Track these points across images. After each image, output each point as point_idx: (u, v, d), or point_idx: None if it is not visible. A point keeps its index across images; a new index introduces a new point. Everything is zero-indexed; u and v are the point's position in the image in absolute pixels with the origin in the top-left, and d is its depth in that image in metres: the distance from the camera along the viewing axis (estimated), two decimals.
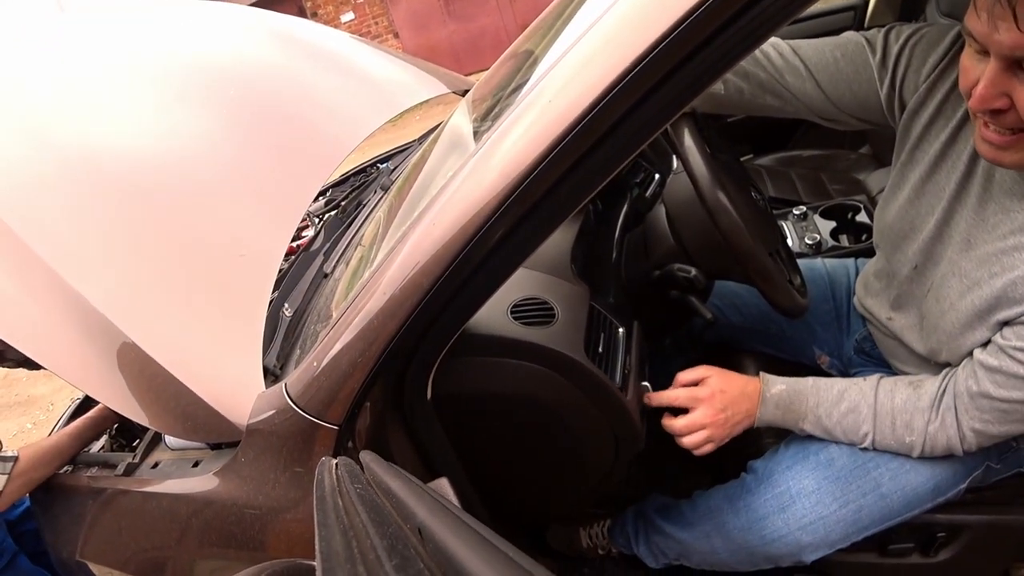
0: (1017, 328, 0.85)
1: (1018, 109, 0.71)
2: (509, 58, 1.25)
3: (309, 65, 1.70)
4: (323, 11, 9.67)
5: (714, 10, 0.62)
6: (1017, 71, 0.70)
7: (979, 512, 1.13)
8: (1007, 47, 0.68)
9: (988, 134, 0.77)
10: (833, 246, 1.78)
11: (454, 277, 0.75)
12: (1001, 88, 0.71)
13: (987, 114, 0.75)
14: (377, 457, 0.68)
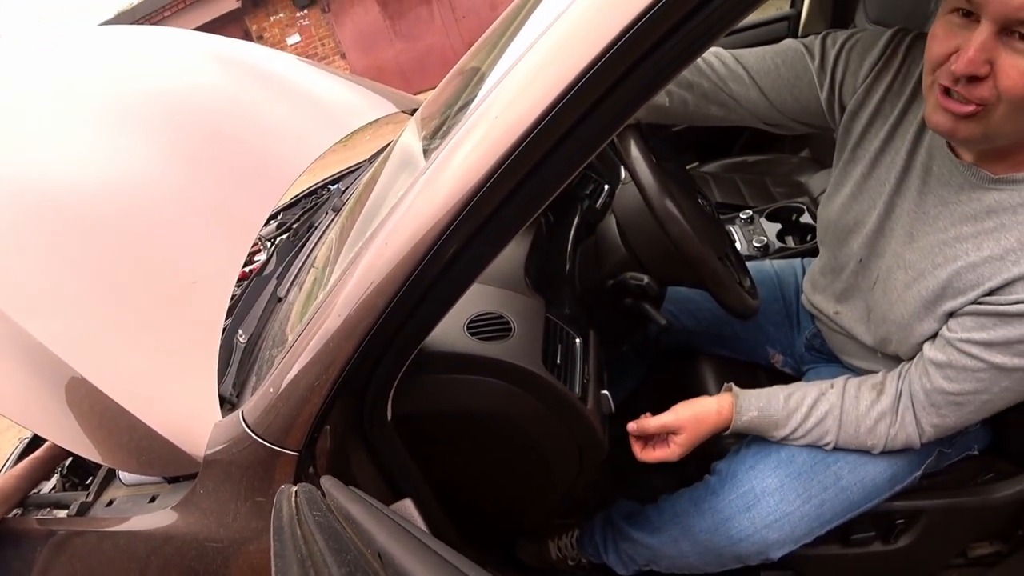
0: (962, 319, 0.88)
1: (996, 78, 0.72)
2: (456, 75, 1.26)
3: (256, 88, 1.68)
4: (269, 34, 9.60)
5: (653, 24, 0.63)
6: (1005, 37, 0.71)
7: (934, 497, 1.17)
8: (1013, 6, 0.68)
9: (950, 104, 0.77)
10: (780, 247, 1.83)
11: (409, 296, 0.75)
12: (987, 54, 0.72)
13: (963, 81, 0.74)
14: (337, 482, 0.67)
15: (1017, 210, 0.83)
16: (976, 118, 0.76)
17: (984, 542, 1.26)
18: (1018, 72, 0.71)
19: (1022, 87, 0.71)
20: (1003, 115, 0.74)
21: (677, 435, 1.06)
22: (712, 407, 1.07)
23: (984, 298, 0.85)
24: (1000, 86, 0.72)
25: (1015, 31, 0.70)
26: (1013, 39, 0.70)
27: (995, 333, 0.84)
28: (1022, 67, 0.70)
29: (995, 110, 0.74)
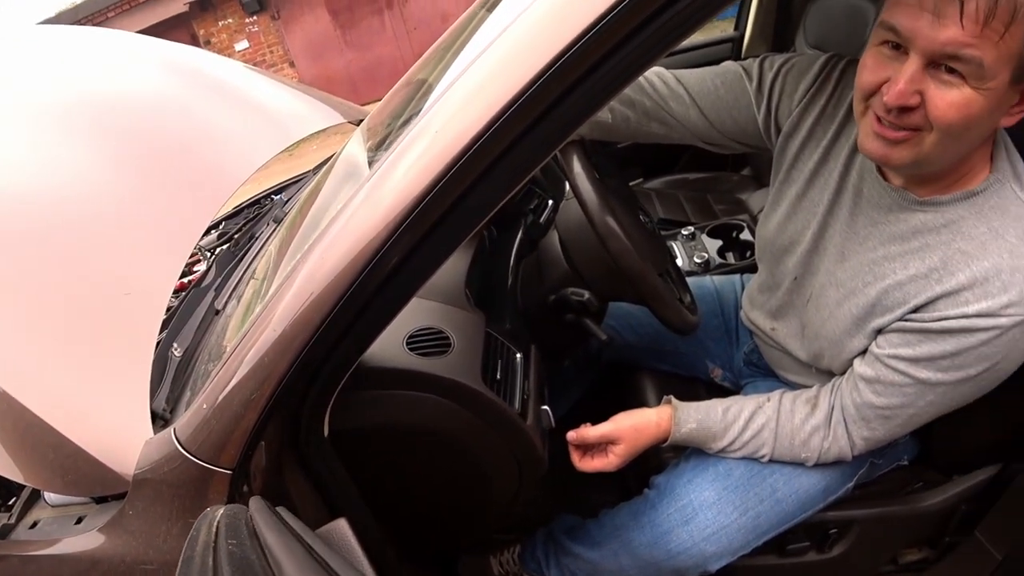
0: (889, 336, 0.91)
1: (927, 107, 0.75)
2: (402, 87, 1.26)
3: (200, 95, 1.64)
4: (216, 39, 9.40)
5: (594, 43, 0.64)
6: (933, 71, 0.74)
7: (866, 506, 1.20)
8: (941, 42, 0.71)
9: (883, 130, 0.80)
10: (720, 264, 1.88)
11: (347, 310, 0.74)
12: (917, 85, 0.75)
13: (895, 111, 0.77)
14: (263, 505, 0.65)
15: (940, 231, 0.86)
16: (908, 144, 0.79)
17: (913, 549, 1.31)
18: (946, 103, 0.74)
19: (950, 117, 0.74)
20: (933, 142, 0.78)
21: (616, 445, 1.07)
22: (652, 418, 1.09)
23: (910, 315, 0.88)
24: (930, 115, 0.76)
25: (942, 64, 0.73)
26: (940, 72, 0.74)
27: (920, 349, 0.88)
28: (949, 98, 0.74)
29: (926, 137, 0.78)
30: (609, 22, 0.63)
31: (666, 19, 0.64)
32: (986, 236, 0.83)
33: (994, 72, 0.71)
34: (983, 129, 0.79)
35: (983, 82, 0.72)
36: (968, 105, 0.74)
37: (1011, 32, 0.68)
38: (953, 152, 0.81)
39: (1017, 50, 0.70)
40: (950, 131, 0.76)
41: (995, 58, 0.70)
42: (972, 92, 0.73)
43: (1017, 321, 0.81)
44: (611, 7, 0.62)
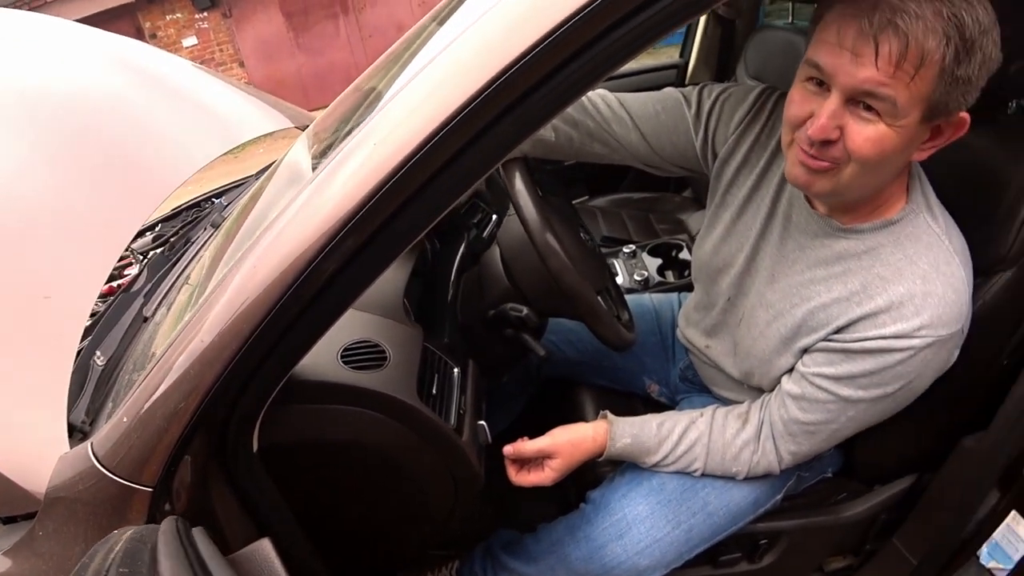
0: (814, 355, 0.95)
1: (846, 141, 0.80)
2: (349, 95, 1.25)
3: (142, 91, 1.58)
4: (163, 33, 9.08)
5: (535, 64, 0.65)
6: (852, 107, 0.79)
7: (794, 517, 1.24)
8: (859, 80, 0.76)
9: (807, 159, 0.84)
10: (660, 282, 1.92)
11: (278, 321, 0.72)
12: (837, 120, 0.79)
13: (817, 144, 0.81)
14: (172, 528, 0.63)
15: (861, 257, 0.91)
16: (829, 175, 0.84)
17: (839, 556, 1.35)
18: (863, 138, 0.79)
19: (866, 151, 0.79)
20: (851, 173, 0.82)
21: (552, 460, 1.08)
22: (588, 433, 1.10)
23: (832, 336, 0.92)
24: (849, 148, 0.80)
25: (860, 101, 0.78)
26: (859, 108, 0.78)
27: (841, 368, 0.92)
28: (866, 133, 0.79)
29: (845, 169, 0.82)
30: (549, 45, 0.64)
31: (606, 45, 0.66)
32: (902, 263, 0.88)
33: (906, 111, 0.77)
34: (897, 163, 0.84)
35: (896, 119, 0.77)
36: (882, 140, 0.78)
37: (920, 75, 0.74)
38: (870, 183, 0.86)
39: (927, 92, 0.75)
40: (867, 163, 0.81)
41: (907, 98, 0.75)
42: (886, 128, 0.78)
43: (929, 342, 0.86)
44: (549, 33, 0.63)
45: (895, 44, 0.73)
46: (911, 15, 0.72)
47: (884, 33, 0.73)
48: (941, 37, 0.72)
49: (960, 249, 0.90)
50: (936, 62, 0.73)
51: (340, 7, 9.31)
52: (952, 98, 0.77)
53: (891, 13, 0.72)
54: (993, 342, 1.03)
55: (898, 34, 0.72)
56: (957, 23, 0.72)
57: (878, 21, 0.73)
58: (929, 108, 0.77)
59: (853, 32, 0.75)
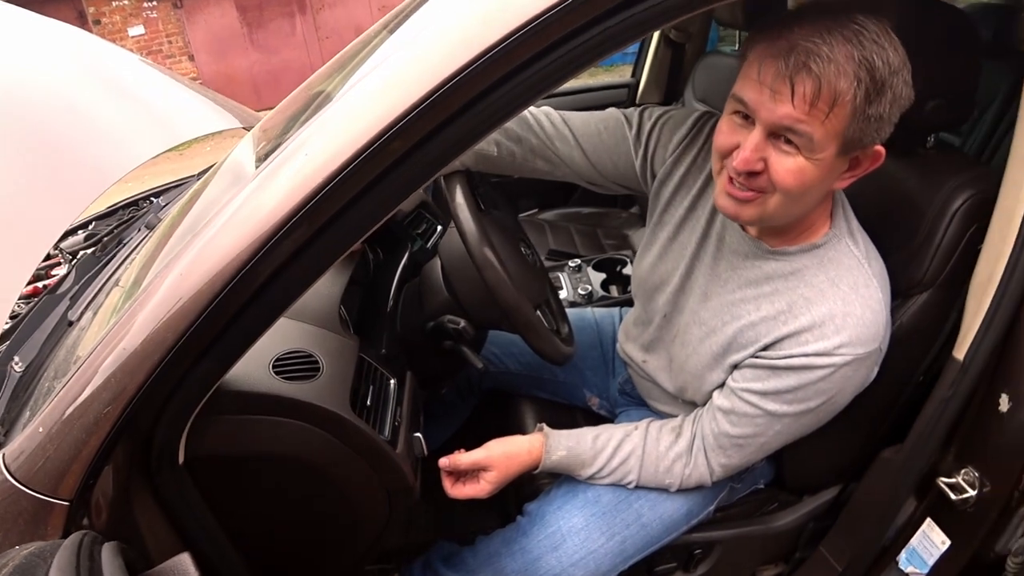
0: (744, 371, 0.99)
1: (769, 172, 0.84)
2: (296, 98, 1.23)
3: (82, 82, 1.53)
4: (108, 20, 8.67)
5: (470, 81, 0.66)
6: (775, 141, 0.83)
7: (727, 527, 1.28)
8: (778, 116, 0.80)
9: (733, 190, 0.88)
10: (603, 296, 1.94)
11: (206, 328, 0.70)
12: (761, 153, 0.83)
13: (743, 175, 0.86)
14: (72, 543, 0.60)
15: (788, 278, 0.96)
16: (754, 204, 0.88)
17: (770, 565, 1.39)
18: (784, 169, 0.83)
19: (788, 181, 0.84)
20: (776, 203, 0.87)
21: (488, 472, 1.08)
22: (524, 446, 1.10)
23: (760, 352, 0.96)
24: (772, 179, 0.84)
25: (781, 135, 0.82)
26: (780, 142, 0.83)
27: (768, 384, 0.96)
28: (787, 165, 0.83)
29: (770, 198, 0.86)
30: (484, 63, 0.65)
31: (547, 63, 0.67)
32: (824, 284, 0.93)
33: (823, 146, 0.81)
34: (819, 192, 0.88)
35: (814, 153, 0.82)
36: (803, 172, 0.83)
37: (834, 113, 0.79)
38: (794, 211, 0.90)
39: (841, 128, 0.80)
40: (789, 193, 0.85)
41: (823, 134, 0.80)
42: (805, 161, 0.82)
43: (848, 360, 0.91)
44: (482, 52, 0.64)
45: (809, 85, 0.77)
46: (823, 58, 0.76)
47: (799, 75, 0.77)
48: (852, 79, 0.77)
49: (879, 272, 0.95)
50: (848, 102, 0.78)
51: (297, 6, 9.16)
52: (866, 134, 0.81)
53: (805, 56, 0.77)
54: (910, 360, 1.09)
55: (811, 76, 0.77)
56: (868, 66, 0.77)
57: (793, 63, 0.77)
58: (844, 143, 0.82)
59: (772, 72, 0.79)
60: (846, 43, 0.77)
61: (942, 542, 1.10)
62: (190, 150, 3.00)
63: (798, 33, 0.78)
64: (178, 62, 9.03)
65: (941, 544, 1.10)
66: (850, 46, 0.77)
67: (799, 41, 0.77)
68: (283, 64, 9.18)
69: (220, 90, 2.65)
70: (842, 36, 0.77)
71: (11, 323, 1.18)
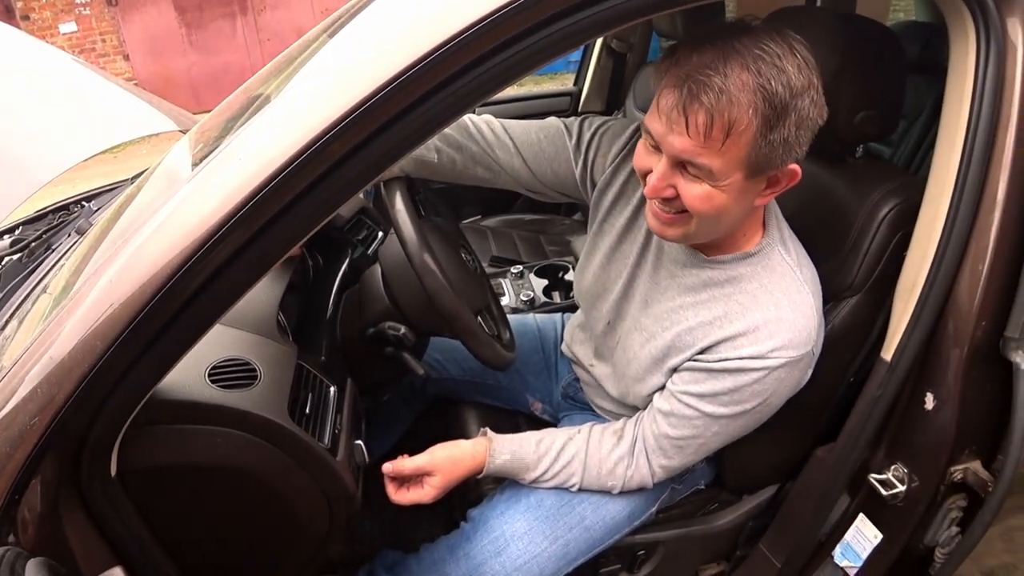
0: (682, 374, 1.02)
1: (682, 197, 0.86)
2: (234, 101, 1.20)
3: (7, 80, 1.46)
4: (38, 15, 8.28)
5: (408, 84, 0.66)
6: (681, 169, 0.85)
7: (669, 528, 1.30)
8: (677, 149, 0.82)
9: (657, 211, 0.91)
10: (545, 302, 1.96)
11: (137, 336, 0.69)
12: (669, 180, 0.86)
13: (659, 200, 0.89)
14: None
15: (724, 285, 0.99)
16: (677, 224, 0.91)
17: (712, 564, 1.42)
18: (692, 195, 0.86)
19: (699, 207, 0.86)
20: (696, 224, 0.90)
21: (431, 477, 1.08)
22: (467, 450, 1.11)
23: (697, 356, 0.99)
24: (685, 204, 0.87)
25: (685, 165, 0.84)
26: (685, 171, 0.85)
27: (705, 386, 0.98)
28: (694, 192, 0.85)
29: (691, 219, 0.89)
30: (422, 68, 0.66)
31: (485, 69, 0.68)
32: (758, 291, 0.96)
33: (725, 174, 0.83)
34: (737, 211, 0.91)
35: (718, 181, 0.84)
36: (711, 198, 0.85)
37: (730, 142, 0.80)
38: (717, 230, 0.94)
39: (742, 156, 0.82)
40: (704, 217, 0.88)
41: (721, 164, 0.82)
42: (711, 188, 0.85)
43: (782, 363, 0.94)
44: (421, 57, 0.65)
45: (701, 117, 0.79)
46: (715, 90, 0.77)
47: (692, 106, 0.79)
48: (747, 108, 0.78)
49: (810, 278, 0.99)
50: (745, 130, 0.79)
51: (238, 7, 8.95)
52: (772, 158, 0.83)
53: (697, 88, 0.78)
54: (841, 361, 1.13)
55: (703, 108, 0.78)
56: (764, 93, 0.78)
57: (687, 94, 0.79)
58: (750, 168, 0.84)
59: (669, 102, 0.81)
60: (743, 71, 0.77)
61: (874, 536, 1.13)
62: (124, 152, 2.89)
63: (696, 62, 0.79)
64: (112, 61, 8.70)
65: (873, 538, 1.14)
66: (747, 74, 0.77)
67: (693, 72, 0.78)
68: (224, 66, 8.94)
69: (157, 92, 2.57)
70: (739, 64, 0.78)
71: None
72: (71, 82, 1.66)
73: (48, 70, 1.63)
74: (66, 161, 1.32)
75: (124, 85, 1.87)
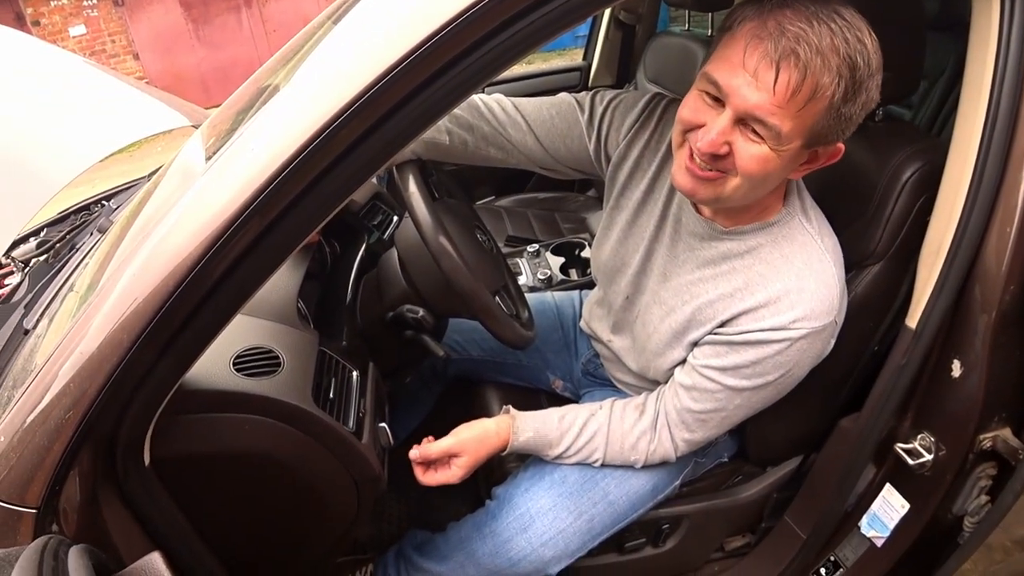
0: (703, 347, 1.01)
1: (734, 157, 0.84)
2: (243, 94, 1.21)
3: (21, 88, 1.48)
4: (48, 20, 8.36)
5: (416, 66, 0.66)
6: (742, 127, 0.82)
7: (693, 501, 1.31)
8: (751, 104, 0.79)
9: (694, 167, 0.88)
10: (562, 280, 1.96)
11: (162, 328, 0.70)
12: (727, 137, 0.83)
13: (707, 156, 0.85)
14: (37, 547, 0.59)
15: (743, 256, 0.98)
16: (713, 184, 0.88)
17: (737, 536, 1.43)
18: (749, 156, 0.83)
19: (752, 168, 0.84)
20: (735, 185, 0.87)
21: (458, 458, 1.09)
22: (491, 429, 1.11)
23: (718, 329, 0.98)
24: (736, 164, 0.85)
25: (750, 124, 0.82)
26: (747, 129, 0.83)
27: (726, 360, 0.98)
28: (752, 152, 0.83)
29: (730, 180, 0.87)
30: (429, 49, 0.65)
31: (489, 48, 0.67)
32: (779, 261, 0.95)
33: (790, 139, 0.82)
34: (777, 179, 0.90)
35: (780, 145, 0.82)
36: (767, 161, 0.84)
37: (809, 107, 0.79)
38: (749, 195, 0.91)
39: (811, 124, 0.81)
40: (750, 179, 0.86)
41: (791, 128, 0.80)
42: (770, 151, 0.83)
43: (804, 333, 0.93)
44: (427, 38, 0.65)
45: (795, 74, 0.76)
46: (812, 48, 0.75)
47: (786, 61, 0.76)
48: (835, 74, 0.77)
49: (832, 248, 0.97)
50: (826, 97, 0.78)
51: (243, 0, 8.95)
52: (832, 131, 0.82)
53: (795, 42, 0.75)
54: (865, 330, 1.12)
55: (798, 65, 0.76)
56: (851, 63, 0.77)
57: (783, 48, 0.76)
58: (811, 137, 0.83)
59: (758, 53, 0.78)
60: (833, 36, 0.76)
61: (901, 506, 1.13)
62: (140, 150, 2.92)
63: (790, 16, 0.76)
64: (123, 61, 8.76)
65: (900, 508, 1.13)
66: (836, 40, 0.76)
67: (788, 25, 0.76)
68: (231, 59, 8.96)
69: (168, 88, 2.59)
70: (828, 29, 0.76)
71: None
72: (84, 84, 1.68)
73: (61, 74, 1.65)
74: (84, 162, 1.33)
75: (136, 84, 1.89)
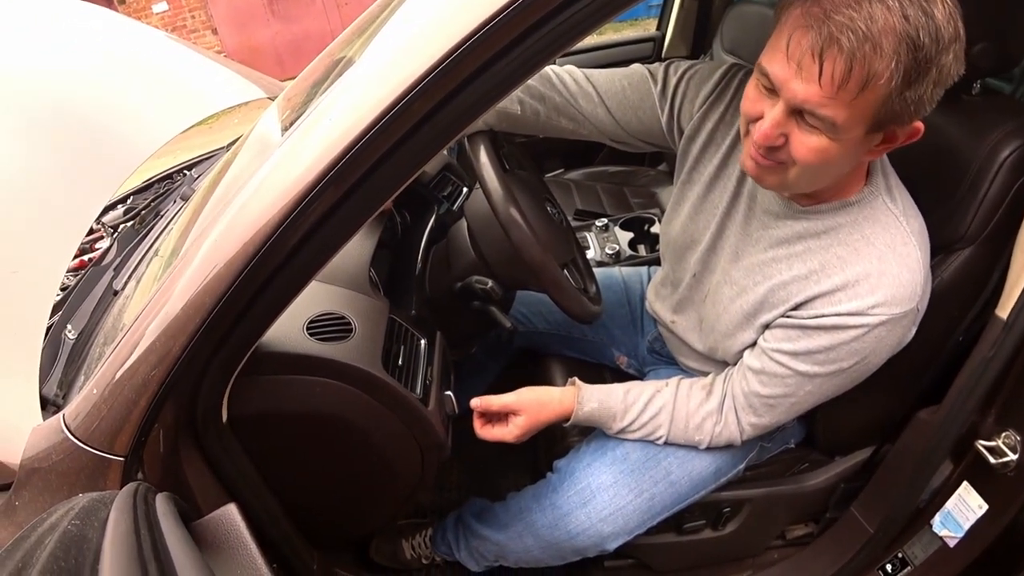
0: (775, 331, 0.98)
1: (790, 148, 0.81)
2: (318, 66, 1.23)
3: (110, 63, 1.56)
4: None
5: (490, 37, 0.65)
6: (797, 117, 0.79)
7: (756, 486, 1.28)
8: (800, 98, 0.76)
9: (757, 156, 0.85)
10: (630, 255, 1.93)
11: (242, 292, 0.73)
12: (782, 128, 0.80)
13: (763, 147, 0.83)
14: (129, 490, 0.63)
15: (821, 236, 0.93)
16: (775, 172, 0.86)
17: (800, 524, 1.40)
18: (805, 147, 0.80)
19: (809, 159, 0.80)
20: (796, 174, 0.84)
21: (517, 416, 1.09)
22: (555, 396, 1.11)
23: (791, 312, 0.94)
24: (792, 155, 0.81)
25: (804, 114, 0.78)
26: (802, 119, 0.79)
27: (799, 344, 0.94)
28: (808, 143, 0.79)
29: (790, 169, 0.84)
30: (504, 19, 0.64)
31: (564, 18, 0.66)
32: (859, 243, 0.90)
33: (848, 128, 0.77)
34: (846, 165, 0.85)
35: (838, 134, 0.78)
36: (825, 151, 0.79)
37: (863, 96, 0.73)
38: (816, 182, 0.88)
39: (870, 112, 0.75)
40: (809, 168, 0.82)
41: (847, 117, 0.75)
42: (828, 141, 0.78)
43: (883, 320, 0.88)
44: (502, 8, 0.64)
45: (840, 65, 0.71)
46: (859, 34, 0.70)
47: (830, 51, 0.71)
48: (890, 59, 0.70)
49: (917, 230, 0.91)
50: (882, 85, 0.72)
51: None
52: (902, 114, 0.76)
53: (839, 30, 0.70)
54: (949, 318, 1.06)
55: (844, 55, 0.71)
56: (910, 42, 0.70)
57: (825, 36, 0.71)
58: (875, 123, 0.77)
59: (801, 44, 0.73)
60: (888, 14, 0.69)
61: (979, 506, 1.08)
62: (219, 122, 3.03)
63: (836, 0, 0.71)
64: (202, 36, 9.06)
65: (978, 508, 1.08)
66: (893, 18, 0.69)
67: (832, 11, 0.70)
68: (304, 33, 9.13)
69: (244, 62, 2.66)
70: (883, 6, 0.69)
71: (62, 295, 1.23)
72: (167, 58, 1.74)
73: (146, 49, 1.72)
74: (167, 133, 1.39)
75: (214, 58, 1.95)
